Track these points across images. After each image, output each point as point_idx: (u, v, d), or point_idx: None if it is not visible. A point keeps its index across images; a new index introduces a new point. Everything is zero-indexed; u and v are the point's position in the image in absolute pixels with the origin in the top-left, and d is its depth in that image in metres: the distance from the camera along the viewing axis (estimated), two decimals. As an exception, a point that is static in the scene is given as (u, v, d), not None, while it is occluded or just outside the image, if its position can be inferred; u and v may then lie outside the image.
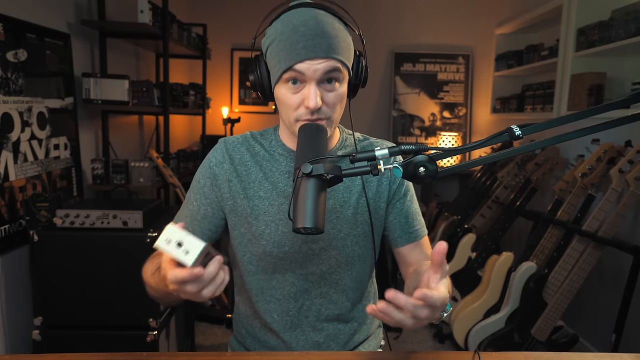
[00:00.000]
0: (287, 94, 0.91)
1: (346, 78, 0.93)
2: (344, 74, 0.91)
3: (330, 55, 0.87)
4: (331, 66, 0.87)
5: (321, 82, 0.89)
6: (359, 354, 1.00)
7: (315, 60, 0.86)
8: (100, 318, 1.79)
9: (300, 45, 0.86)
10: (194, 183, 1.05)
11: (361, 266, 1.06)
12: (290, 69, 0.87)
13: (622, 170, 2.05)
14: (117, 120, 2.84)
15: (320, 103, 0.88)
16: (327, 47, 0.86)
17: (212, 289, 0.72)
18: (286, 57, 0.87)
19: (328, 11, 0.90)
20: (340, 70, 0.89)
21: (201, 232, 1.03)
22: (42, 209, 1.77)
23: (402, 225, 1.07)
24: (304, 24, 0.86)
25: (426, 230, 1.12)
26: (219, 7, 4.26)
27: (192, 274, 0.67)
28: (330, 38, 0.87)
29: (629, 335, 2.09)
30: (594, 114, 0.73)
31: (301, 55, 0.86)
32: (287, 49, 0.87)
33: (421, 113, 4.37)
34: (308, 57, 0.86)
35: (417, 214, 1.10)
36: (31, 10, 1.97)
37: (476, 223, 3.03)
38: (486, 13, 4.21)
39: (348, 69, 0.93)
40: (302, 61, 0.86)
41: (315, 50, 0.86)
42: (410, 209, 1.08)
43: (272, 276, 1.04)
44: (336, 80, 0.90)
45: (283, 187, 1.01)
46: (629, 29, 2.29)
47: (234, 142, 1.05)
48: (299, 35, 0.86)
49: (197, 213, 1.04)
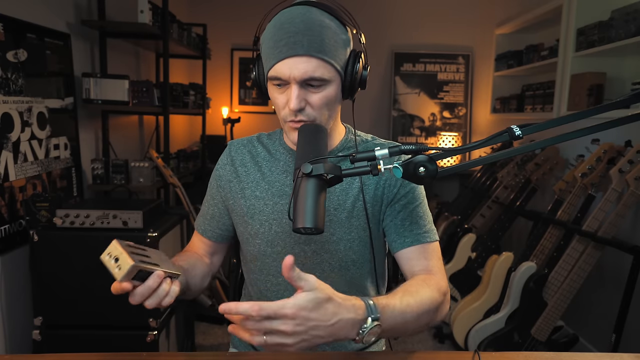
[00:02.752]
0: (274, 94, 0.92)
1: (334, 81, 0.90)
2: (329, 77, 0.88)
3: (310, 53, 0.85)
4: (312, 67, 0.85)
5: (306, 83, 0.87)
6: (359, 354, 1.00)
7: (295, 59, 0.85)
8: (100, 318, 1.79)
9: (282, 43, 0.85)
10: (209, 184, 1.13)
11: (357, 271, 1.03)
12: (273, 69, 0.88)
13: (622, 170, 2.05)
14: (117, 120, 2.84)
15: (300, 105, 0.87)
16: (307, 44, 0.84)
17: (154, 301, 0.79)
18: (270, 56, 0.88)
19: (323, 9, 0.88)
20: (324, 73, 0.87)
21: (212, 230, 1.11)
22: (42, 209, 1.77)
23: (398, 228, 1.00)
24: (290, 21, 0.86)
25: (433, 237, 1.00)
26: (219, 7, 4.26)
27: (120, 287, 0.77)
28: (313, 35, 0.85)
29: (629, 335, 2.09)
30: (594, 114, 0.73)
31: (282, 54, 0.85)
32: (271, 47, 0.88)
33: (421, 113, 4.37)
34: (288, 54, 0.85)
35: (421, 218, 1.01)
36: (31, 10, 1.97)
37: (476, 223, 3.03)
38: (486, 13, 4.21)
39: (337, 69, 0.89)
40: (283, 59, 0.86)
41: (295, 47, 0.84)
42: (412, 213, 1.00)
43: (267, 277, 1.05)
44: (320, 81, 0.87)
45: (280, 187, 1.01)
46: (629, 29, 2.29)
47: (238, 144, 1.09)
48: (283, 33, 0.86)
49: (207, 213, 1.12)
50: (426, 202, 1.05)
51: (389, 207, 1.02)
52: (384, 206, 1.02)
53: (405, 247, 0.99)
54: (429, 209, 1.05)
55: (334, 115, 0.96)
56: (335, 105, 0.94)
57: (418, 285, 0.88)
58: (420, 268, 0.97)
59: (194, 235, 1.16)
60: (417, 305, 0.83)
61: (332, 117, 0.95)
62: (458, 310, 2.54)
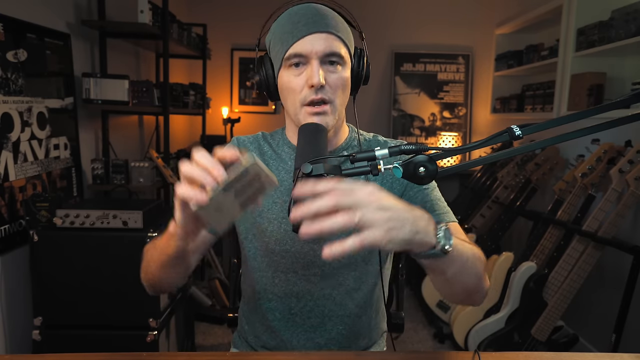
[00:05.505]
0: (290, 78, 0.93)
1: (348, 64, 0.95)
2: (345, 57, 0.93)
3: (330, 30, 0.90)
4: (332, 44, 0.90)
5: (324, 62, 0.91)
6: (359, 354, 1.00)
7: (316, 35, 0.89)
8: (100, 318, 1.79)
9: (301, 24, 0.90)
10: None
11: (365, 268, 1.04)
12: (292, 48, 0.90)
13: (622, 170, 2.05)
14: (117, 120, 2.84)
15: (323, 81, 0.89)
16: (326, 24, 0.90)
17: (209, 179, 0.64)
18: (288, 37, 0.91)
19: (328, 6, 0.94)
20: (342, 51, 0.91)
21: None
22: (42, 209, 1.78)
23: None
24: (304, 9, 0.92)
25: (452, 217, 1.00)
26: (219, 7, 4.26)
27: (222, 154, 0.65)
28: (329, 19, 0.91)
29: (629, 335, 2.09)
30: (594, 114, 0.72)
31: (302, 32, 0.89)
32: (288, 30, 0.91)
33: (421, 113, 4.37)
34: (310, 31, 0.89)
35: (438, 203, 1.00)
36: (31, 10, 1.97)
37: (476, 223, 3.03)
38: (486, 13, 4.21)
39: (350, 54, 0.95)
40: (304, 37, 0.89)
41: (316, 25, 0.89)
42: (428, 198, 1.00)
43: (274, 274, 1.04)
44: (338, 62, 0.92)
45: (288, 186, 1.01)
46: (629, 29, 2.29)
47: (245, 140, 1.08)
48: (300, 17, 0.91)
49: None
50: (437, 188, 1.04)
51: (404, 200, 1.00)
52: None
53: None
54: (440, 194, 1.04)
55: (344, 104, 0.98)
56: (347, 92, 0.96)
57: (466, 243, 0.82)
58: None
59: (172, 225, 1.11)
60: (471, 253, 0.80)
61: (343, 106, 0.97)
62: (458, 310, 2.54)
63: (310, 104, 0.91)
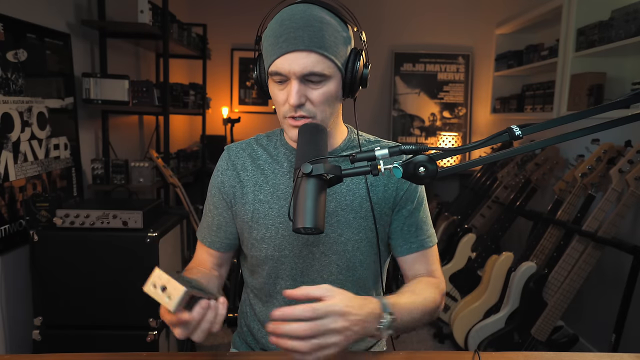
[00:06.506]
0: (275, 91, 0.92)
1: (335, 76, 0.89)
2: (329, 73, 0.88)
3: (311, 48, 0.85)
4: (312, 61, 0.85)
5: (306, 79, 0.87)
6: (359, 354, 1.00)
7: (295, 54, 0.85)
8: (100, 318, 1.79)
9: (282, 39, 0.86)
10: (208, 194, 1.09)
11: (364, 272, 1.03)
12: (273, 65, 0.88)
13: (622, 170, 2.05)
14: (117, 120, 2.84)
15: (300, 100, 0.87)
16: (308, 39, 0.84)
17: (200, 334, 0.75)
18: (270, 52, 0.88)
19: (324, 7, 0.89)
20: (323, 69, 0.87)
21: (220, 241, 1.08)
22: (42, 209, 1.77)
23: (404, 234, 1.02)
24: (291, 17, 0.87)
25: (434, 240, 1.06)
26: (219, 7, 4.26)
27: (178, 319, 0.71)
28: (313, 31, 0.85)
29: (629, 335, 2.09)
30: (594, 114, 0.72)
31: (282, 49, 0.86)
32: (272, 44, 0.88)
33: (421, 113, 4.37)
34: (288, 49, 0.85)
35: (425, 223, 1.04)
36: (31, 10, 1.97)
37: (476, 223, 3.03)
38: (486, 13, 4.21)
39: (338, 66, 0.89)
40: (283, 54, 0.86)
41: (295, 42, 0.85)
42: (417, 218, 1.03)
43: (275, 281, 1.03)
44: (320, 76, 0.87)
45: (284, 189, 1.00)
46: (629, 29, 2.29)
47: (236, 148, 1.07)
48: (283, 29, 0.86)
49: (212, 224, 1.08)
50: (427, 202, 1.09)
51: (396, 212, 1.02)
52: (392, 207, 1.02)
53: (411, 253, 1.04)
54: (428, 209, 1.09)
55: (335, 113, 0.95)
56: (335, 103, 0.94)
57: (423, 288, 0.96)
58: (423, 272, 1.05)
59: (198, 248, 1.12)
60: (422, 306, 0.91)
61: (333, 115, 0.95)
62: (458, 310, 2.54)
63: (292, 117, 0.91)
